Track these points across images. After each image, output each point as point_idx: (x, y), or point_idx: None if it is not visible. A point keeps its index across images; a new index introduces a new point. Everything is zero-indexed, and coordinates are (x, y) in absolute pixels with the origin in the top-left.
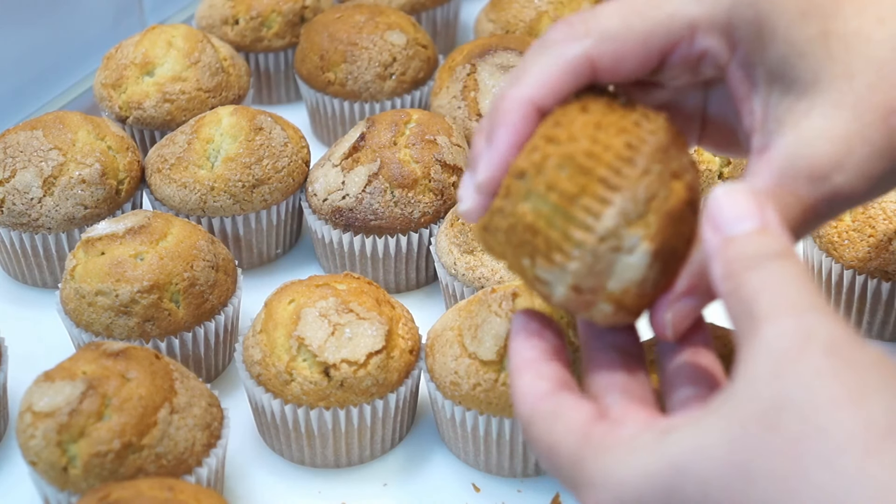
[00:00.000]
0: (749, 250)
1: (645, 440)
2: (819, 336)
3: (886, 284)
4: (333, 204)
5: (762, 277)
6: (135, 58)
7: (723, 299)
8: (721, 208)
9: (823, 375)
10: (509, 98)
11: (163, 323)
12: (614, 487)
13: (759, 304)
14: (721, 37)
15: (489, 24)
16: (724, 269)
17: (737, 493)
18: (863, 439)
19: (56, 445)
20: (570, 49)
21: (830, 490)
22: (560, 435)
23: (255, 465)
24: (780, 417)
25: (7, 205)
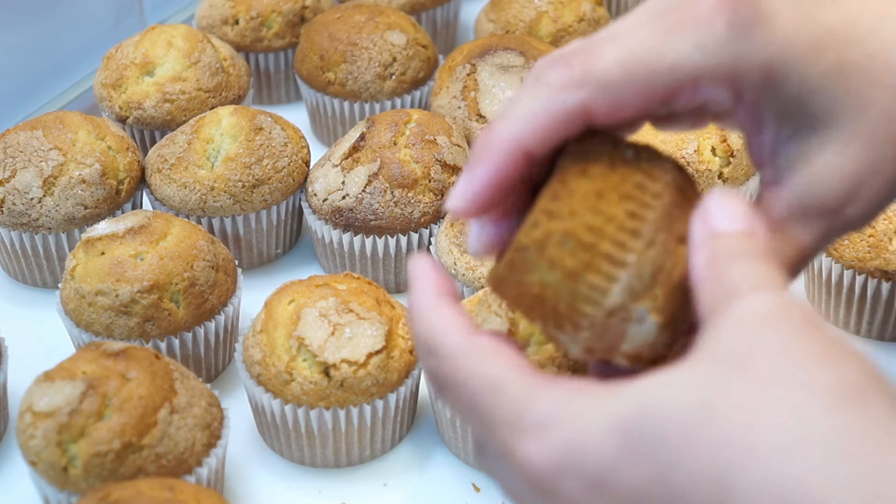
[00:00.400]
0: (735, 247)
1: (606, 391)
2: (798, 307)
3: (886, 284)
4: (333, 204)
5: (745, 269)
6: (135, 58)
7: (698, 284)
8: (715, 206)
9: (797, 335)
10: (495, 135)
11: (163, 323)
12: (565, 425)
13: (741, 283)
14: (726, 86)
15: (489, 24)
16: (708, 258)
17: (696, 430)
18: (833, 394)
19: (56, 445)
20: (566, 97)
21: (791, 435)
22: (506, 371)
23: (255, 465)
24: (750, 360)
25: (7, 205)
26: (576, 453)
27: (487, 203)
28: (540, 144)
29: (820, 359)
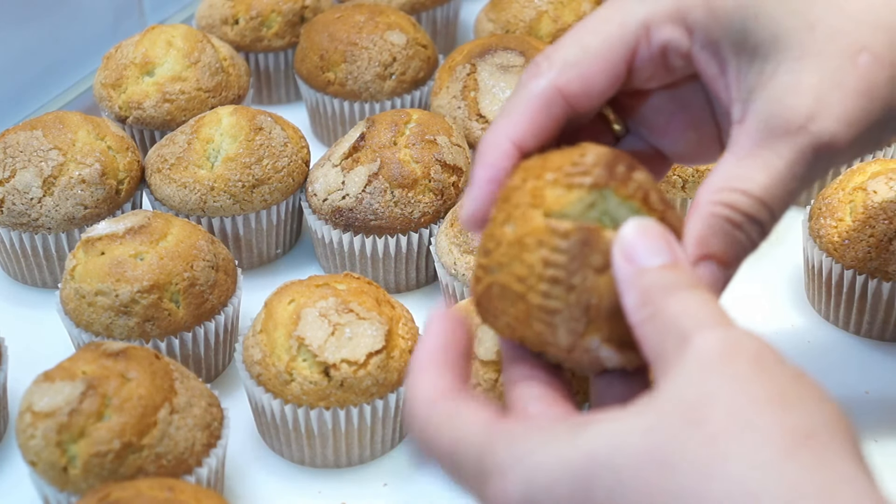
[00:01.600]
0: (665, 280)
1: (560, 430)
2: (746, 346)
3: (886, 284)
4: (333, 204)
5: (681, 301)
6: (135, 58)
7: (637, 327)
8: (634, 240)
9: (750, 379)
10: (486, 138)
11: (163, 323)
12: (525, 473)
13: (685, 322)
14: (675, 25)
15: (489, 23)
16: (640, 297)
17: (651, 483)
18: (784, 440)
19: (56, 445)
20: (537, 84)
21: (746, 483)
22: (464, 428)
23: (255, 465)
24: (702, 413)
25: (7, 205)
26: (534, 499)
27: (490, 200)
28: (528, 135)
29: (771, 404)
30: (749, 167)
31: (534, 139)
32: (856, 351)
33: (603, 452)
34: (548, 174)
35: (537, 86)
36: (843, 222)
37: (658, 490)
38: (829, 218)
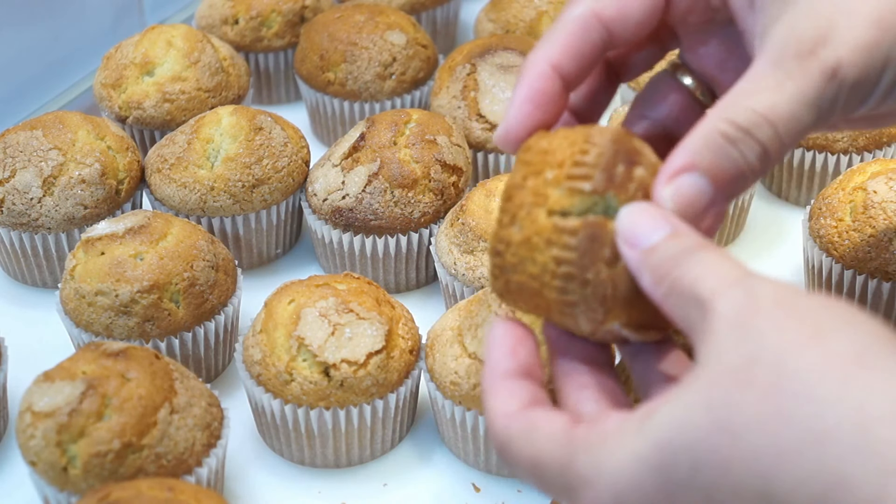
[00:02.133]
0: (671, 251)
1: (628, 428)
2: (765, 294)
3: (886, 284)
4: (333, 204)
5: (692, 266)
6: (135, 58)
7: (662, 305)
8: (631, 226)
9: (781, 325)
10: (526, 60)
11: (163, 323)
12: (609, 480)
13: (701, 288)
14: None
15: (489, 24)
16: (654, 276)
17: (725, 452)
18: (835, 370)
19: (56, 445)
20: (577, 9)
21: (814, 421)
22: (541, 445)
23: (255, 465)
24: (751, 373)
25: (7, 205)
26: (626, 501)
27: (527, 121)
28: (566, 58)
29: (809, 342)
30: (757, 86)
31: (571, 62)
32: None
33: (672, 438)
34: (548, 172)
35: (575, 10)
36: (843, 222)
37: (734, 458)
38: (829, 218)
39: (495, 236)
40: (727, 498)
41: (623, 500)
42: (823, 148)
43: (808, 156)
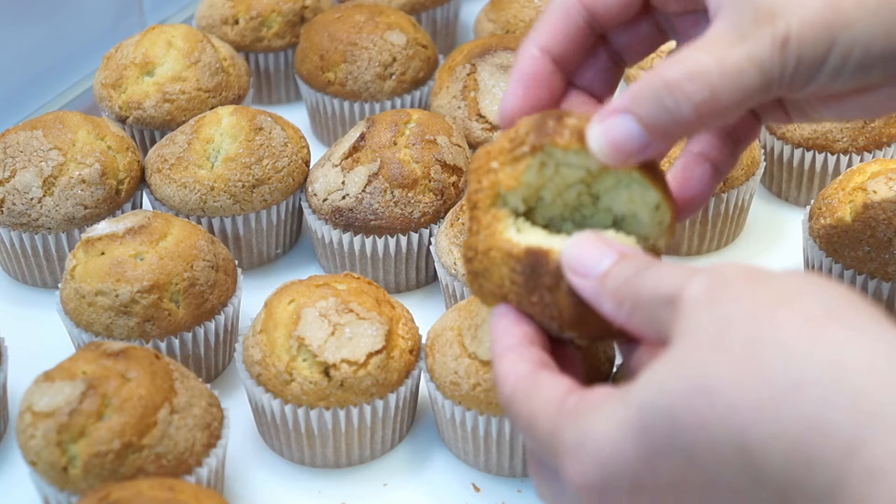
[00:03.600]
0: (625, 273)
1: (612, 398)
2: (732, 272)
3: (886, 284)
4: (333, 204)
5: (649, 278)
6: (135, 58)
7: (627, 325)
8: (578, 257)
9: (752, 293)
10: (519, 48)
11: (163, 323)
12: (591, 446)
13: (664, 288)
14: None
15: (489, 24)
16: (614, 299)
17: (702, 411)
18: (807, 327)
19: (56, 445)
20: None
21: (789, 374)
22: (538, 408)
23: (255, 465)
24: (724, 335)
25: (7, 205)
26: (608, 467)
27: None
28: (553, 42)
29: (780, 303)
30: (708, 43)
31: (560, 45)
32: None
33: (649, 400)
34: (493, 163)
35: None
36: (843, 222)
37: (711, 416)
38: (829, 218)
39: (466, 243)
40: (706, 457)
41: (605, 468)
42: (823, 148)
43: (808, 156)
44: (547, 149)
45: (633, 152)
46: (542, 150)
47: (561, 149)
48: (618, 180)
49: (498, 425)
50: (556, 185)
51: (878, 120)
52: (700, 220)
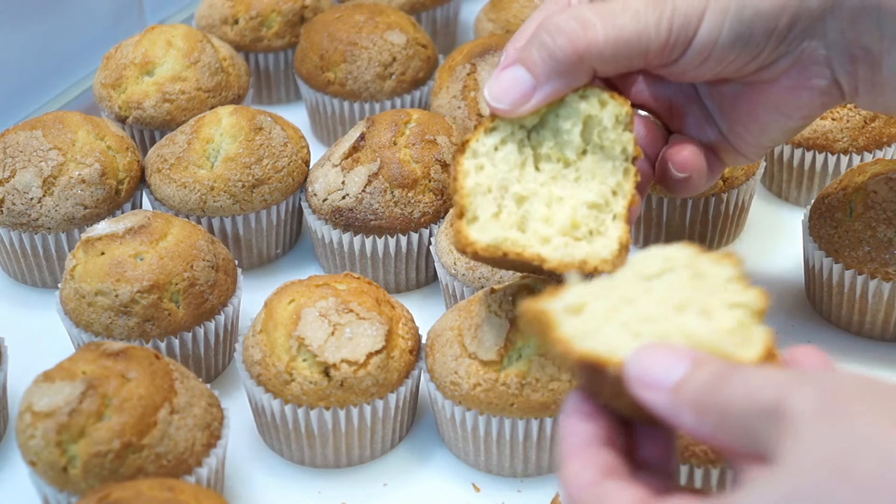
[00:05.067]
0: (703, 380)
1: None
2: (841, 383)
3: (886, 284)
4: (333, 204)
5: (737, 385)
6: (134, 58)
7: (711, 438)
8: (646, 370)
9: (870, 414)
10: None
11: (163, 323)
12: None
13: (763, 399)
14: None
15: (489, 23)
16: (695, 410)
17: None
18: None
19: (56, 445)
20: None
21: None
22: None
23: (255, 465)
24: (847, 460)
25: (7, 205)
26: None
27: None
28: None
29: None
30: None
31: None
32: (856, 351)
33: None
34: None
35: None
36: (843, 222)
37: None
38: (829, 218)
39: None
40: None
41: None
42: (823, 148)
43: (808, 156)
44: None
45: (523, 97)
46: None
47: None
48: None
49: (498, 425)
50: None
51: (878, 120)
52: (700, 220)
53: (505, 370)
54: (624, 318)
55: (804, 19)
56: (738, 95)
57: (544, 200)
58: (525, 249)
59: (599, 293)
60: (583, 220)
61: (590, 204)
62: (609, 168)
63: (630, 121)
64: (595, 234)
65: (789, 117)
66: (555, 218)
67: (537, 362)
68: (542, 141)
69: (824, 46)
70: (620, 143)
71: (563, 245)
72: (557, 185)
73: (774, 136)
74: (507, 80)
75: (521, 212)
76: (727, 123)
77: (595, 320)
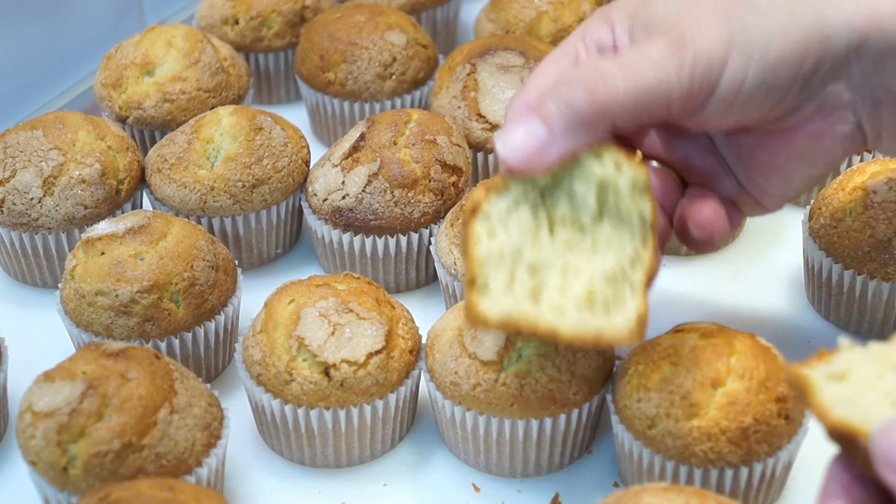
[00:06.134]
0: None
1: None
2: None
3: (886, 284)
4: (333, 204)
5: None
6: (135, 58)
7: None
8: (893, 448)
9: None
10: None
11: (163, 323)
12: None
13: None
14: (602, 26)
15: (489, 24)
16: None
17: None
18: None
19: (56, 445)
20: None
21: None
22: None
23: (255, 465)
24: None
25: (7, 205)
26: None
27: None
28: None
29: None
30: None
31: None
32: None
33: None
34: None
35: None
36: (843, 222)
37: None
38: (829, 218)
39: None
40: None
41: None
42: None
43: None
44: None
45: (537, 151)
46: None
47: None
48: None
49: (498, 425)
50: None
51: None
52: None
53: (505, 370)
54: (888, 386)
55: (829, 62)
56: (757, 146)
57: (559, 269)
58: (538, 323)
59: (868, 359)
60: (599, 291)
61: (607, 274)
62: (626, 234)
63: (647, 185)
64: (612, 305)
65: (812, 165)
66: (570, 288)
67: (537, 362)
68: (556, 203)
69: (849, 90)
70: (638, 208)
71: (578, 317)
72: (573, 252)
73: (796, 186)
74: (522, 133)
75: (535, 281)
76: (747, 174)
77: (856, 387)
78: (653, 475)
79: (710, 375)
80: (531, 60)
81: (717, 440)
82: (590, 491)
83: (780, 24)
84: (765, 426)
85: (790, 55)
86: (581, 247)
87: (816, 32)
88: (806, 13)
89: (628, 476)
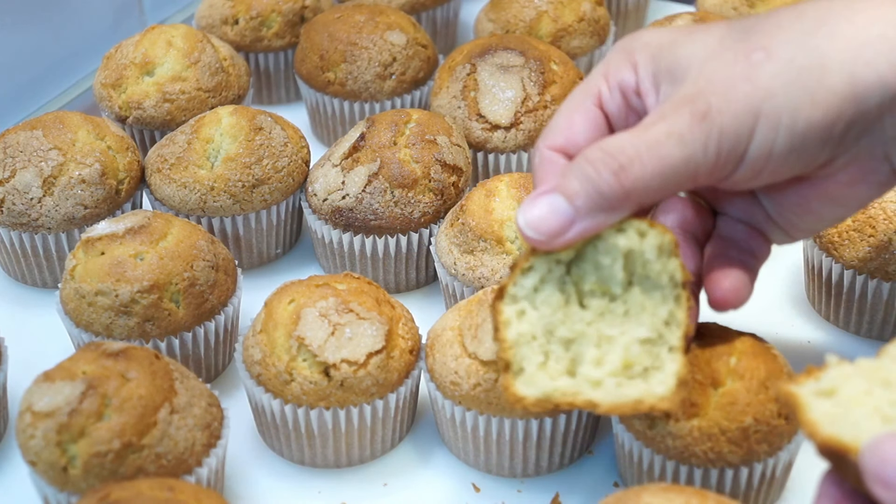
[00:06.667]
0: None
1: None
2: None
3: (886, 284)
4: (333, 204)
5: None
6: (135, 58)
7: None
8: (883, 465)
9: None
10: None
11: (163, 323)
12: None
13: None
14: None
15: (489, 24)
16: None
17: None
18: None
19: (56, 445)
20: (535, 154)
21: None
22: None
23: (255, 465)
24: None
25: (7, 205)
26: None
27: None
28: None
29: None
30: (626, 130)
31: (571, 146)
32: (856, 351)
33: None
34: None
35: (535, 155)
36: (844, 222)
37: None
38: None
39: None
40: None
41: None
42: None
43: None
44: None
45: (560, 228)
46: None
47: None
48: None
49: (498, 425)
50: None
51: None
52: None
53: None
54: (876, 402)
55: (861, 123)
56: (790, 190)
57: (593, 341)
58: (576, 398)
59: (856, 375)
60: (636, 359)
61: (642, 340)
62: (658, 297)
63: (674, 247)
64: (650, 370)
65: (846, 207)
66: (606, 359)
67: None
68: (583, 276)
69: (882, 143)
70: (667, 271)
71: (616, 386)
72: (605, 322)
73: (828, 223)
74: (544, 208)
75: (570, 355)
76: (779, 212)
77: (845, 404)
78: (653, 475)
79: (710, 375)
80: (531, 60)
81: (717, 440)
82: (590, 491)
83: (810, 89)
84: (765, 426)
85: (820, 121)
86: (613, 315)
87: (848, 95)
88: (836, 77)
89: (628, 476)
